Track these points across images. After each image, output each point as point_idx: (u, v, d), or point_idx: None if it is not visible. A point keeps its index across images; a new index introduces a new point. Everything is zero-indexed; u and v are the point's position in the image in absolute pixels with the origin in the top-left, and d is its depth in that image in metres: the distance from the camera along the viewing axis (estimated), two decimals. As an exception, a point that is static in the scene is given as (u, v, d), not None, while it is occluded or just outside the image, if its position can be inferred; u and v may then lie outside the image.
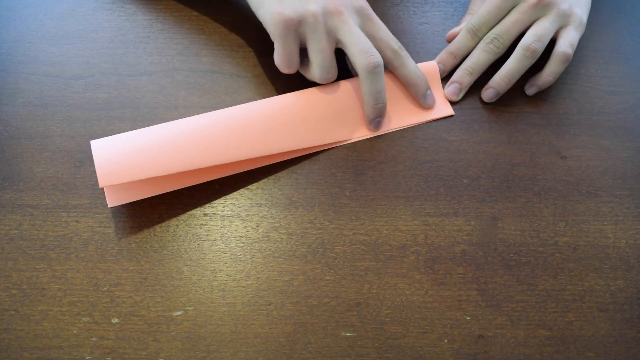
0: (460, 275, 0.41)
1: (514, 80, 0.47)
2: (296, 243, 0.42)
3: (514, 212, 0.44)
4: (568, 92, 0.50)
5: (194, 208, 0.44)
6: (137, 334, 0.39)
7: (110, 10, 0.53)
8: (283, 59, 0.45)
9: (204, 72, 0.50)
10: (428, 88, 0.48)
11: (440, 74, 0.49)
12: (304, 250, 0.42)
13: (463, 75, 0.48)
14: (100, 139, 0.42)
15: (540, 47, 0.46)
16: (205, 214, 0.43)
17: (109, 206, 0.43)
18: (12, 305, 0.40)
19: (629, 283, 0.42)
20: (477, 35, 0.48)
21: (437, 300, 0.41)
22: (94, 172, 0.45)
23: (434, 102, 0.48)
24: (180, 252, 0.42)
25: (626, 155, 0.47)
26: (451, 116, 0.48)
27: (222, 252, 0.42)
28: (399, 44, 0.46)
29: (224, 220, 0.43)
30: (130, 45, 0.51)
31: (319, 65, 0.44)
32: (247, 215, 0.43)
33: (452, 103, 0.49)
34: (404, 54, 0.46)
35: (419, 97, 0.47)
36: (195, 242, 0.42)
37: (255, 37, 0.52)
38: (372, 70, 0.43)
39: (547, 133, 0.48)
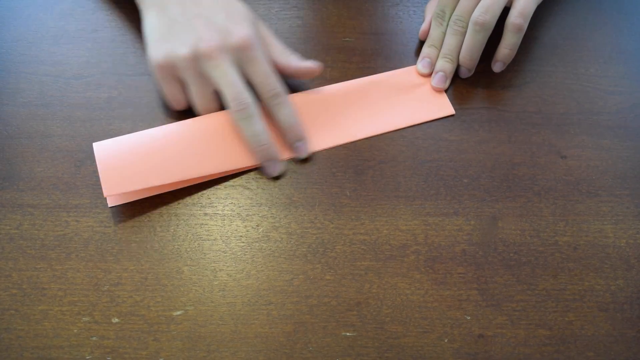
0: (461, 275, 0.42)
1: (475, 55, 0.48)
2: (296, 243, 0.42)
3: (514, 212, 0.44)
4: (568, 91, 0.50)
5: (194, 208, 0.44)
6: (138, 334, 0.39)
7: (110, 10, 0.53)
8: (168, 99, 0.45)
9: (204, 72, 0.50)
10: (299, 140, 0.45)
11: (430, 68, 0.49)
12: (304, 249, 0.42)
13: (443, 63, 0.49)
14: (103, 142, 0.43)
15: (490, 18, 0.46)
16: (206, 214, 0.43)
17: (109, 206, 0.43)
18: (12, 305, 0.40)
19: (629, 283, 0.42)
20: (444, 19, 0.49)
21: (437, 299, 0.41)
22: (94, 171, 0.45)
23: (304, 152, 0.45)
24: (180, 251, 0.42)
25: (626, 155, 0.47)
26: (452, 115, 0.48)
27: (223, 251, 0.42)
28: (277, 89, 0.43)
29: (224, 220, 0.43)
30: (130, 45, 0.51)
31: (198, 105, 0.44)
32: (248, 215, 0.43)
33: (452, 101, 0.49)
34: (279, 101, 0.44)
35: (289, 146, 0.45)
36: (195, 241, 0.42)
37: (255, 37, 0.52)
38: (242, 117, 0.42)
39: (547, 133, 0.48)
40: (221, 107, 0.45)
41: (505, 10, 0.48)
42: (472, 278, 0.41)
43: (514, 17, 0.47)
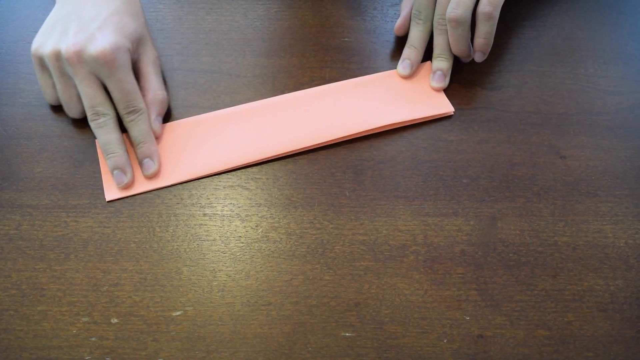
0: (460, 275, 0.41)
1: (465, 47, 0.48)
2: (295, 243, 0.42)
3: (514, 212, 0.44)
4: (567, 92, 0.50)
5: (193, 208, 0.44)
6: (137, 334, 0.39)
7: (109, 11, 0.53)
8: (42, 90, 0.46)
9: (203, 72, 0.50)
10: (145, 157, 0.44)
11: (411, 69, 0.49)
12: (303, 250, 0.42)
13: (438, 62, 0.49)
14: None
15: (462, 12, 0.46)
16: (205, 214, 0.43)
17: (107, 200, 0.43)
18: (11, 306, 0.40)
19: (628, 283, 0.42)
20: (422, 19, 0.49)
21: (436, 300, 0.41)
22: (94, 172, 0.45)
23: (150, 170, 0.44)
24: (179, 252, 0.42)
25: (625, 155, 0.47)
26: (451, 115, 0.48)
27: (222, 252, 0.42)
28: (133, 107, 0.44)
29: (223, 220, 0.43)
30: (129, 45, 0.51)
31: (62, 103, 0.45)
32: (247, 215, 0.43)
33: (451, 102, 0.49)
34: (132, 118, 0.44)
35: (138, 161, 0.45)
36: (194, 242, 0.42)
37: (254, 37, 0.52)
38: (96, 126, 0.44)
39: (546, 133, 0.48)
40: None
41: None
42: (471, 278, 0.41)
43: (483, 6, 0.47)
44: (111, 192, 0.44)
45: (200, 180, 0.45)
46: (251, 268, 0.41)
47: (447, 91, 0.50)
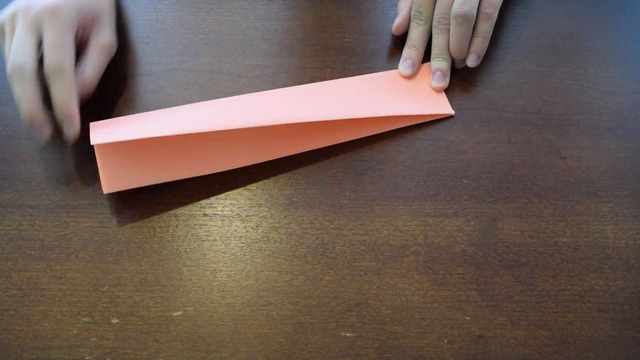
0: (460, 276, 0.41)
1: (464, 47, 0.48)
2: (296, 243, 0.42)
3: (514, 213, 0.44)
4: (568, 92, 0.50)
5: (193, 208, 0.44)
6: (137, 334, 0.39)
7: (110, 11, 0.53)
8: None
9: (204, 72, 0.50)
10: (65, 118, 0.42)
11: (412, 69, 0.49)
12: (303, 250, 0.42)
13: (437, 63, 0.49)
14: (100, 131, 0.42)
15: (469, 8, 0.46)
16: (205, 214, 0.43)
17: (104, 192, 0.42)
18: (11, 306, 0.40)
19: (628, 283, 0.42)
20: (423, 20, 0.49)
21: (437, 300, 0.41)
22: (94, 172, 0.45)
23: (70, 134, 0.42)
24: (180, 252, 0.42)
25: (626, 156, 0.47)
26: (451, 116, 0.48)
27: (222, 252, 0.42)
28: (58, 63, 0.41)
29: (223, 221, 0.43)
30: (130, 45, 0.51)
31: (11, 52, 0.42)
32: (247, 216, 0.43)
33: (452, 102, 0.49)
34: (55, 76, 0.41)
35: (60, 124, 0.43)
36: (195, 242, 0.42)
37: (255, 37, 0.52)
38: (13, 76, 0.41)
39: (546, 133, 0.48)
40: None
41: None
42: (471, 278, 0.41)
43: (484, 6, 0.48)
44: (109, 185, 0.42)
45: (200, 180, 0.45)
46: (251, 268, 0.41)
47: (448, 91, 0.50)
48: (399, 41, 0.52)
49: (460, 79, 0.50)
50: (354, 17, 0.53)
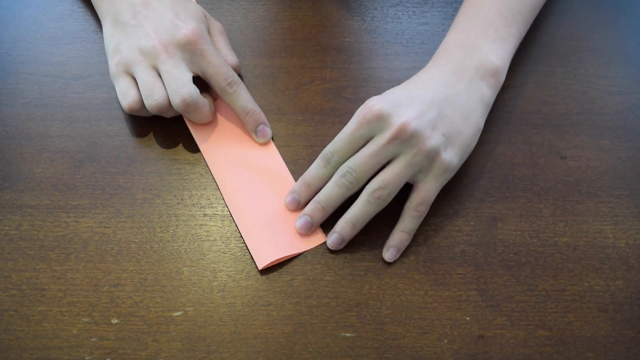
0: (460, 276, 0.41)
1: (359, 226, 0.41)
2: (296, 243, 0.42)
3: (514, 213, 0.44)
4: (568, 92, 0.50)
5: (193, 208, 0.44)
6: (137, 335, 0.39)
7: (110, 11, 0.53)
8: (120, 99, 0.45)
9: (204, 73, 0.50)
10: (260, 124, 0.45)
11: (296, 206, 0.43)
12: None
13: (314, 210, 0.42)
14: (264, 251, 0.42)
15: (387, 194, 0.40)
16: (205, 215, 0.43)
17: (260, 268, 0.41)
18: (11, 306, 0.40)
19: (628, 283, 0.42)
20: (330, 164, 0.42)
21: (436, 300, 0.41)
22: (94, 172, 0.45)
23: (265, 136, 0.46)
24: (180, 252, 0.42)
25: (626, 156, 0.47)
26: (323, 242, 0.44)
27: (222, 252, 0.42)
28: (231, 77, 0.44)
29: (223, 221, 0.43)
30: (130, 45, 0.51)
31: (146, 91, 0.43)
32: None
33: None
34: (234, 89, 0.45)
35: (251, 132, 0.46)
36: (195, 242, 0.42)
37: (255, 37, 0.52)
38: (186, 111, 0.43)
39: (546, 133, 0.48)
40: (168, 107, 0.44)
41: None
42: (471, 279, 0.41)
43: (415, 203, 0.41)
44: (262, 259, 0.41)
45: (200, 180, 0.45)
46: (252, 268, 0.41)
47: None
48: (399, 41, 0.52)
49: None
50: (354, 17, 0.53)
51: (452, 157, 0.41)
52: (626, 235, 0.43)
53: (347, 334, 0.39)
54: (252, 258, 0.42)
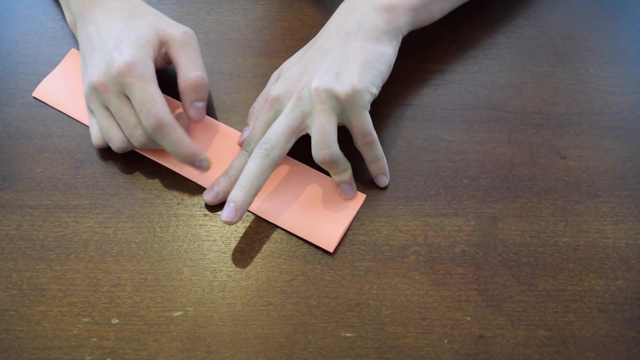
0: (460, 276, 0.41)
1: (253, 189, 0.40)
2: (296, 243, 0.42)
3: (514, 213, 0.44)
4: (568, 92, 0.50)
5: (193, 208, 0.44)
6: (137, 335, 0.39)
7: (110, 11, 0.53)
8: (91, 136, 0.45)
9: (204, 73, 0.50)
10: (194, 160, 0.42)
11: (214, 197, 0.43)
12: (303, 250, 0.42)
13: (236, 192, 0.40)
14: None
15: (272, 146, 0.40)
16: (205, 215, 0.43)
17: (331, 251, 0.42)
18: (12, 306, 0.40)
19: (629, 283, 0.42)
20: (247, 151, 0.43)
21: (437, 300, 0.41)
22: (94, 172, 0.45)
23: (205, 168, 0.43)
24: (180, 252, 0.42)
25: (626, 156, 0.47)
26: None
27: (222, 252, 0.42)
28: (155, 117, 0.40)
29: (223, 221, 0.43)
30: (130, 45, 0.51)
31: (105, 135, 0.43)
32: (247, 216, 0.43)
33: (452, 102, 0.49)
34: (158, 131, 0.41)
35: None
36: (195, 242, 0.42)
37: (255, 37, 0.52)
38: (141, 145, 0.42)
39: (547, 133, 0.48)
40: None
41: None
42: (472, 279, 0.41)
43: (360, 140, 0.42)
44: (330, 242, 0.42)
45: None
46: (252, 268, 0.41)
47: (448, 91, 0.49)
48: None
49: (461, 79, 0.50)
50: (354, 17, 0.53)
51: (354, 83, 0.40)
52: (626, 235, 0.43)
53: (347, 334, 0.39)
54: (319, 247, 0.42)
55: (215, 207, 0.44)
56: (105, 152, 0.45)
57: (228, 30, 0.52)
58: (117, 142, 0.42)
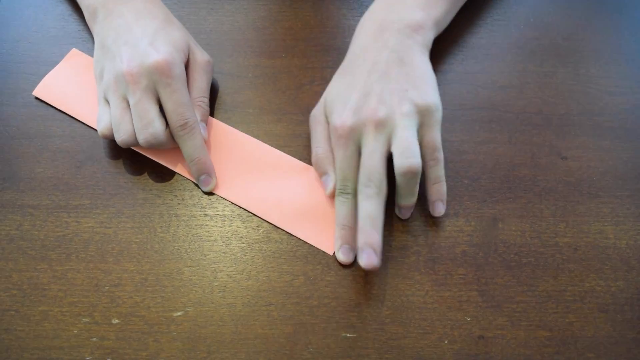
0: (461, 276, 0.41)
1: (378, 225, 0.40)
2: (297, 243, 0.42)
3: (515, 213, 0.44)
4: (569, 92, 0.50)
5: (194, 208, 0.44)
6: (138, 335, 0.39)
7: (110, 11, 0.53)
8: (98, 121, 0.44)
9: (205, 73, 0.50)
10: (203, 174, 0.44)
11: (353, 254, 0.41)
12: (304, 250, 0.42)
13: (367, 236, 0.39)
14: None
15: (416, 158, 0.40)
16: (206, 215, 0.43)
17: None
18: (12, 306, 0.40)
19: (629, 284, 0.42)
20: (349, 193, 0.41)
21: (437, 300, 0.41)
22: (95, 172, 0.45)
23: (206, 186, 0.44)
24: (180, 252, 0.42)
25: (627, 156, 0.47)
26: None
27: (223, 252, 0.42)
28: (185, 120, 0.42)
29: (224, 221, 0.43)
30: (130, 45, 0.51)
31: (115, 125, 0.42)
32: (248, 216, 0.43)
33: (452, 102, 0.49)
34: (184, 132, 0.42)
35: (195, 178, 0.44)
36: (195, 242, 0.42)
37: (256, 37, 0.52)
38: (150, 146, 0.42)
39: (547, 134, 0.48)
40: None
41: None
42: (472, 279, 0.41)
43: (429, 156, 0.42)
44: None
45: (201, 180, 0.45)
46: (252, 268, 0.41)
47: (449, 91, 0.49)
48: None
49: (461, 79, 0.50)
50: (355, 17, 0.53)
51: (426, 98, 0.42)
52: (627, 235, 0.43)
53: (348, 334, 0.39)
54: (323, 250, 0.42)
55: (216, 206, 0.44)
56: (106, 151, 0.45)
57: (229, 30, 0.52)
58: (124, 135, 0.42)
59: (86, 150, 0.46)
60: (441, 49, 0.51)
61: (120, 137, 0.42)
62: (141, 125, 0.41)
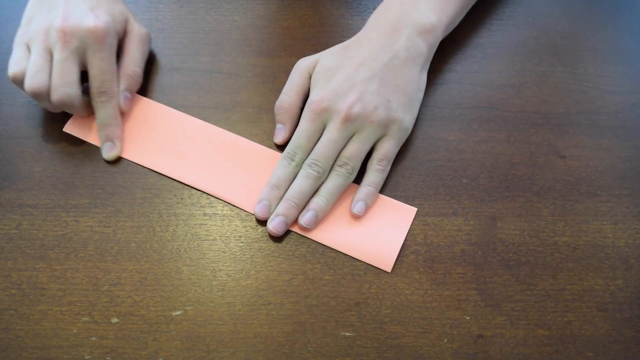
0: (460, 275, 0.42)
1: (331, 201, 0.43)
2: (296, 243, 0.42)
3: (513, 212, 0.44)
4: (567, 91, 0.50)
5: (193, 208, 0.44)
6: (137, 334, 0.39)
7: (109, 10, 0.53)
8: (10, 65, 0.44)
9: (204, 72, 0.50)
10: (107, 140, 0.45)
11: (267, 212, 0.42)
12: (303, 249, 0.42)
13: (288, 208, 0.42)
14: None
15: (352, 167, 0.43)
16: (205, 214, 0.43)
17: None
18: (11, 305, 0.40)
19: (628, 283, 0.42)
20: (294, 161, 0.43)
21: (436, 299, 0.41)
22: (94, 171, 0.45)
23: (108, 152, 0.45)
24: (179, 251, 0.42)
25: (625, 155, 0.47)
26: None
27: (222, 251, 0.42)
28: (104, 88, 0.44)
29: (223, 220, 0.43)
30: (129, 44, 0.51)
31: (29, 72, 0.42)
32: (247, 215, 0.43)
33: (451, 101, 0.49)
34: (102, 99, 0.44)
35: (100, 142, 0.45)
36: (194, 241, 0.42)
37: (255, 36, 0.52)
38: (56, 105, 0.43)
39: (546, 132, 0.48)
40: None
41: None
42: (471, 278, 0.41)
43: (377, 160, 0.44)
44: (387, 263, 0.41)
45: (200, 179, 0.45)
46: (251, 267, 0.42)
47: (448, 91, 0.49)
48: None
49: (460, 78, 0.50)
50: (353, 17, 0.53)
51: (402, 116, 0.44)
52: (626, 234, 0.43)
53: (347, 334, 0.39)
54: (318, 246, 0.42)
55: (215, 206, 0.44)
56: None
57: (228, 29, 0.52)
58: (37, 84, 0.42)
59: (85, 150, 0.46)
60: (440, 49, 0.51)
61: (32, 85, 0.42)
62: (60, 83, 0.42)
